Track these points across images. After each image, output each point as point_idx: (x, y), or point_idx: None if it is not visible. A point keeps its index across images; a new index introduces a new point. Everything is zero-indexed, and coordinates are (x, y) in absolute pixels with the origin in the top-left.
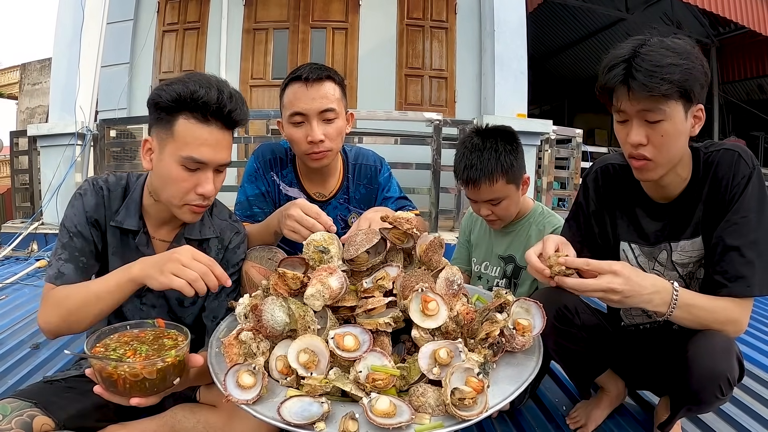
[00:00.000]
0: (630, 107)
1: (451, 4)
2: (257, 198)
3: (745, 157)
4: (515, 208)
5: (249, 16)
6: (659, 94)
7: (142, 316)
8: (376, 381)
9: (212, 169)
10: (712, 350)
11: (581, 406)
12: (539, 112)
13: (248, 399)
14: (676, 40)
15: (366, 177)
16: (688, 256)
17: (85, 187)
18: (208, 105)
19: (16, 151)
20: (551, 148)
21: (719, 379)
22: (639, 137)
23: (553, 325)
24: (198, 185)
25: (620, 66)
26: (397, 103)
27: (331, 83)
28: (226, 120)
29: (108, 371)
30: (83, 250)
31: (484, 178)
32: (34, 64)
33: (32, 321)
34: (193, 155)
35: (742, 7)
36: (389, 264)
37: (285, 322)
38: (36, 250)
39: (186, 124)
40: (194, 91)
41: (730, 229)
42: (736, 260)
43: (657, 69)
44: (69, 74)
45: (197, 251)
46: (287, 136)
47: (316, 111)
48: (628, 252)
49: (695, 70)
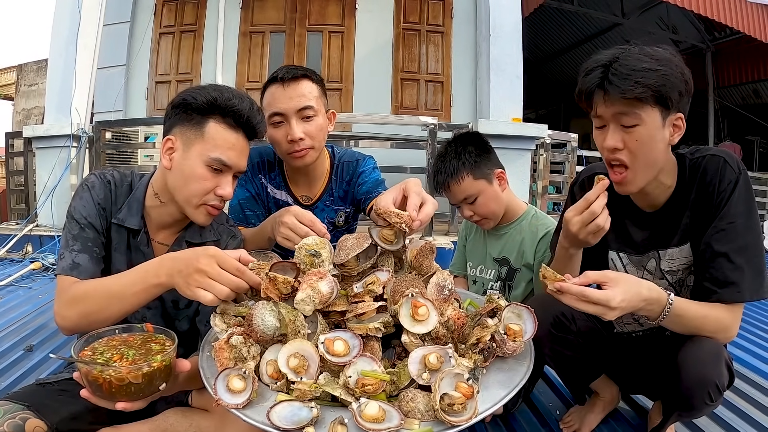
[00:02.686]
0: (606, 111)
1: (447, 9)
2: (248, 201)
3: (731, 162)
4: (496, 205)
5: (245, 19)
6: (633, 97)
7: (137, 316)
8: (365, 386)
9: (232, 174)
10: (701, 356)
11: (575, 410)
12: (535, 116)
13: (238, 403)
14: (657, 49)
15: (348, 173)
16: (677, 264)
17: (92, 179)
18: (240, 113)
19: (11, 153)
20: (546, 152)
21: (708, 385)
22: (614, 141)
23: (549, 332)
24: (218, 186)
25: (598, 70)
26: (392, 106)
27: (308, 81)
28: (251, 131)
29: (94, 375)
30: (96, 240)
31: (450, 178)
32: (30, 65)
33: (26, 323)
34: (221, 157)
35: (738, 12)
36: (380, 269)
37: (275, 327)
38: (31, 251)
39: (217, 127)
40: (229, 98)
41: (718, 235)
42: (725, 266)
43: (632, 73)
44: (65, 76)
45: (222, 256)
46: (269, 137)
47: (294, 109)
48: (617, 261)
49: (673, 77)
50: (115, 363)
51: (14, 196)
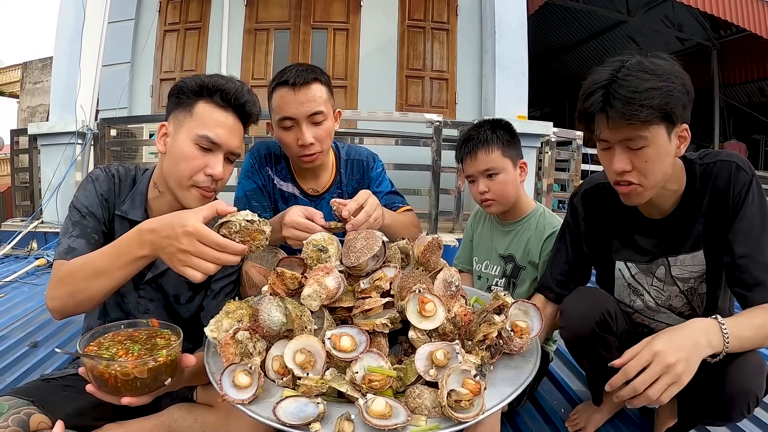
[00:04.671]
0: (611, 136)
1: (452, 6)
2: (254, 192)
3: (743, 165)
4: (513, 191)
5: (250, 17)
6: (638, 122)
7: (140, 309)
8: (372, 382)
9: (224, 154)
10: (745, 369)
11: (581, 408)
12: (540, 114)
13: (244, 399)
14: (656, 60)
15: (359, 172)
16: (689, 271)
17: (97, 172)
18: (227, 92)
19: (16, 150)
20: (551, 150)
21: (749, 396)
22: (623, 164)
23: (593, 331)
24: (208, 165)
25: (598, 93)
26: (397, 104)
27: (318, 84)
28: (241, 110)
29: (99, 370)
30: (96, 228)
31: (481, 145)
32: (35, 63)
33: (31, 319)
34: (208, 134)
35: (744, 9)
36: (387, 265)
37: (282, 322)
38: (35, 248)
39: (205, 106)
40: (217, 81)
41: (737, 238)
42: (750, 267)
43: (635, 95)
44: (70, 73)
45: (202, 231)
46: (278, 138)
47: (305, 115)
48: (624, 271)
49: (676, 91)
50: (121, 358)
51: (19, 193)
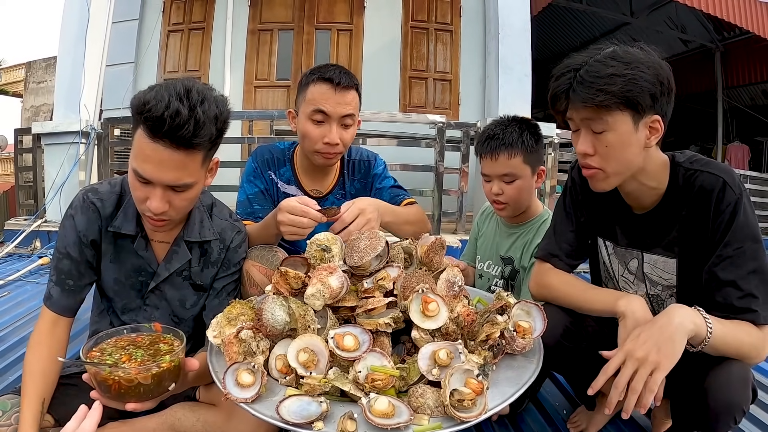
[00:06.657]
0: (575, 116)
1: (455, 7)
2: (257, 196)
3: (731, 183)
4: (526, 198)
5: (254, 17)
6: (594, 105)
7: (146, 316)
8: (375, 381)
9: (161, 187)
10: (729, 381)
11: (582, 410)
12: (543, 115)
13: (247, 398)
14: (631, 50)
15: (360, 172)
16: (659, 276)
17: (75, 204)
18: (154, 120)
19: (20, 149)
20: (555, 151)
21: (735, 410)
22: (585, 146)
23: (559, 343)
24: (147, 199)
25: (567, 75)
26: (401, 104)
27: (355, 92)
28: (175, 139)
29: (103, 376)
30: (70, 272)
31: (505, 148)
32: (39, 63)
33: (34, 318)
34: (137, 169)
35: (747, 11)
36: (390, 264)
37: (285, 321)
38: (39, 247)
39: (140, 134)
40: (147, 102)
41: (724, 263)
42: (733, 294)
43: (596, 80)
44: (74, 73)
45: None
46: (301, 129)
47: (339, 115)
48: (602, 248)
49: (642, 80)
50: (124, 364)
51: (23, 192)
